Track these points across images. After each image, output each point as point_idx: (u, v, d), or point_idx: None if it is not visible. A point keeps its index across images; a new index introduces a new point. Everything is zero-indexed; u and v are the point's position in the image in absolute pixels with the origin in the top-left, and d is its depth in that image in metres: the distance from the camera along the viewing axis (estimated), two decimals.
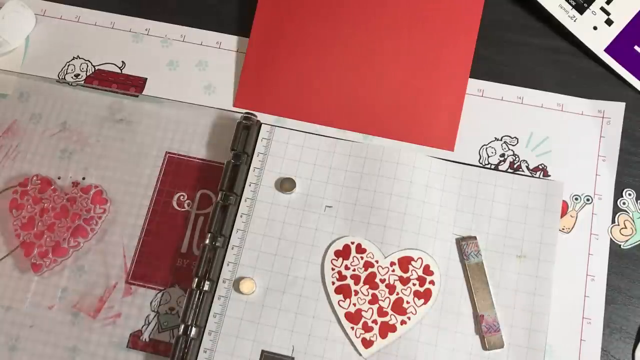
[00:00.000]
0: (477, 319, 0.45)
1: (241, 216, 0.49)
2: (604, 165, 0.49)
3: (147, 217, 0.50)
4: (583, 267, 0.47)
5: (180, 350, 0.45)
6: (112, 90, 0.54)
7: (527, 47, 0.53)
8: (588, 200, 0.49)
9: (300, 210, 0.49)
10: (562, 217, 0.48)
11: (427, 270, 0.46)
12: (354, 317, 0.45)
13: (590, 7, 0.52)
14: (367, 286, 0.45)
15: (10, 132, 0.53)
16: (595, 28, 0.52)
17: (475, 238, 0.47)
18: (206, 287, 0.46)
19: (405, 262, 0.46)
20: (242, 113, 0.51)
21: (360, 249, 0.46)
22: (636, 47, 0.52)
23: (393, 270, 0.46)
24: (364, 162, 0.49)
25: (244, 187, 0.49)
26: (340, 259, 0.46)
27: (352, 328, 0.44)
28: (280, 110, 0.52)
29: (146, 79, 0.54)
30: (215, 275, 0.47)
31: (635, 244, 0.48)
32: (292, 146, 0.50)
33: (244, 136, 0.50)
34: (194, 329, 0.45)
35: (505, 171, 0.50)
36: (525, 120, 0.51)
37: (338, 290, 0.45)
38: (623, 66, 0.51)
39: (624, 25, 0.52)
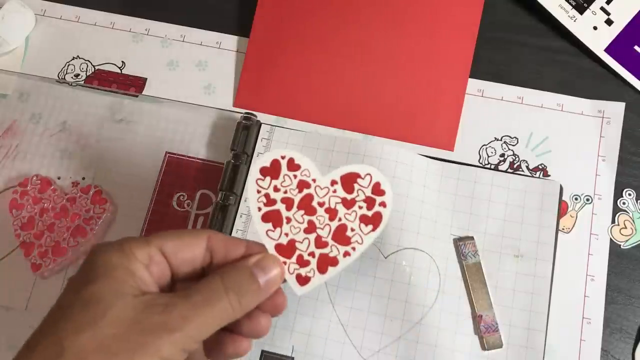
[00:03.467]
0: (476, 319, 0.45)
1: (241, 216, 0.49)
2: (604, 165, 0.49)
3: (147, 217, 0.50)
4: (583, 267, 0.47)
5: None
6: (112, 90, 0.54)
7: (527, 47, 0.53)
8: (588, 200, 0.49)
9: None
10: (562, 217, 0.48)
11: (377, 189, 0.36)
12: (286, 249, 0.36)
13: (590, 7, 0.52)
14: (302, 212, 0.36)
15: (10, 132, 0.53)
16: (595, 28, 0.52)
17: (472, 238, 0.47)
18: None
19: (349, 181, 0.36)
20: (242, 113, 0.51)
21: (293, 165, 0.36)
22: (636, 47, 0.52)
23: (334, 191, 0.36)
24: (363, 159, 0.49)
25: (243, 187, 0.49)
26: (268, 179, 0.36)
27: (285, 263, 0.35)
28: (280, 110, 0.52)
29: (146, 79, 0.54)
30: None
31: (635, 244, 0.48)
32: (292, 146, 0.50)
33: (244, 136, 0.50)
34: None
35: (505, 171, 0.50)
36: (525, 120, 0.51)
37: (266, 218, 0.36)
38: (623, 66, 0.51)
39: (624, 25, 0.52)
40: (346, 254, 0.36)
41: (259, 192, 0.36)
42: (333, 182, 0.36)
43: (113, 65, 0.55)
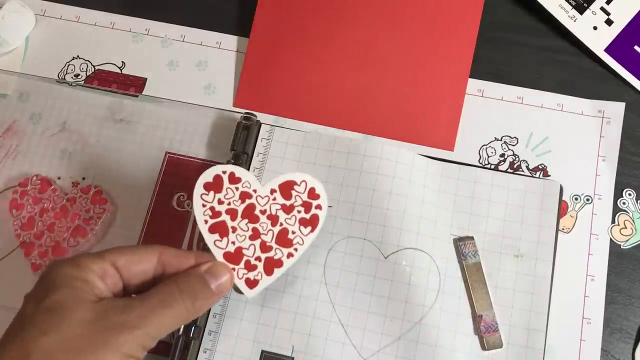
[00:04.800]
0: (476, 319, 0.45)
1: None
2: (604, 165, 0.49)
3: (146, 217, 0.50)
4: (583, 267, 0.47)
5: (180, 351, 0.45)
6: (112, 90, 0.54)
7: (527, 47, 0.53)
8: (588, 200, 0.49)
9: None
10: (562, 217, 0.48)
11: (312, 193, 0.41)
12: (234, 257, 0.39)
13: (590, 7, 0.52)
14: (246, 220, 0.40)
15: (10, 132, 0.53)
16: (595, 28, 0.52)
17: (472, 238, 0.47)
18: None
19: (287, 188, 0.41)
20: (242, 113, 0.51)
21: (233, 179, 0.40)
22: (636, 47, 0.52)
23: (274, 199, 0.40)
24: (363, 159, 0.49)
25: None
26: (212, 193, 0.40)
27: (234, 269, 0.39)
28: (280, 110, 0.52)
29: (146, 79, 0.54)
30: None
31: (635, 244, 0.48)
32: (292, 146, 0.50)
33: (244, 136, 0.50)
34: (194, 329, 0.45)
35: (505, 171, 0.50)
36: (525, 120, 0.51)
37: (212, 229, 0.39)
38: (623, 66, 0.51)
39: (624, 25, 0.52)
40: (289, 255, 0.40)
41: (204, 206, 0.40)
42: (272, 191, 0.41)
43: (113, 65, 0.55)
